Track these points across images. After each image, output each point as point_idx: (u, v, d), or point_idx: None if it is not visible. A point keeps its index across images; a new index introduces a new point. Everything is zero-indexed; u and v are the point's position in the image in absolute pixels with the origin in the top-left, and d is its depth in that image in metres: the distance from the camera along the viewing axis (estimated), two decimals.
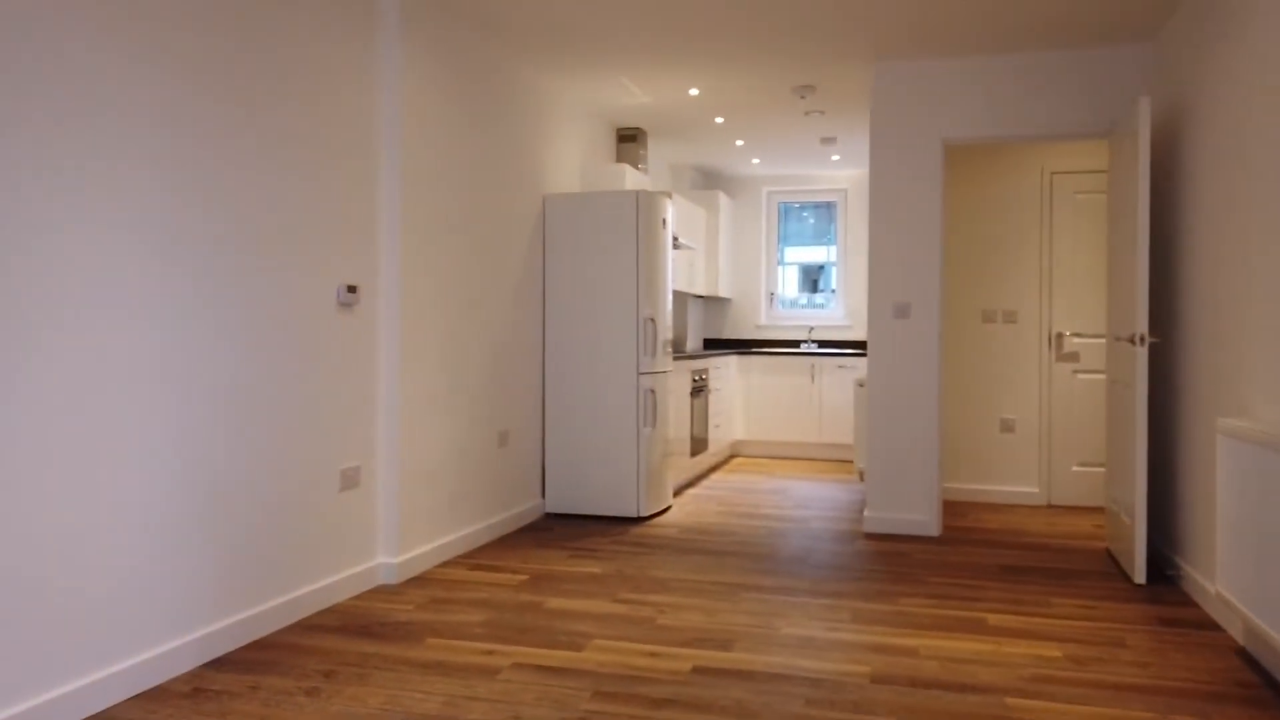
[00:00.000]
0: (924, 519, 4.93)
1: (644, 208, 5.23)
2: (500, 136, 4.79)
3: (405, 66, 3.89)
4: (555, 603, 3.64)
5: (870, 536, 4.89)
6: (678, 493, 6.18)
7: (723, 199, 8.23)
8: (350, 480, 3.68)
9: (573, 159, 5.81)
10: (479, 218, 4.57)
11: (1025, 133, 4.83)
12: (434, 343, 4.17)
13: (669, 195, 5.68)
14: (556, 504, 5.37)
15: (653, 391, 5.30)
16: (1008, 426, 5.89)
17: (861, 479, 5.77)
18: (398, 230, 3.87)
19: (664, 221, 5.45)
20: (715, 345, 8.78)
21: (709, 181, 8.76)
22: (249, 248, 3.12)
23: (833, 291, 8.67)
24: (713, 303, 8.79)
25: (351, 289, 3.64)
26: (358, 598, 3.68)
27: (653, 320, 5.30)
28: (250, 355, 3.13)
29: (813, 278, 8.79)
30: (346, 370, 3.65)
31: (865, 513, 5.04)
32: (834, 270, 8.63)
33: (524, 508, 5.12)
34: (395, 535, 3.89)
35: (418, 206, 4.01)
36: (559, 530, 5.00)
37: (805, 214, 8.77)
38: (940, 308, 4.95)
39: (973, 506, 5.75)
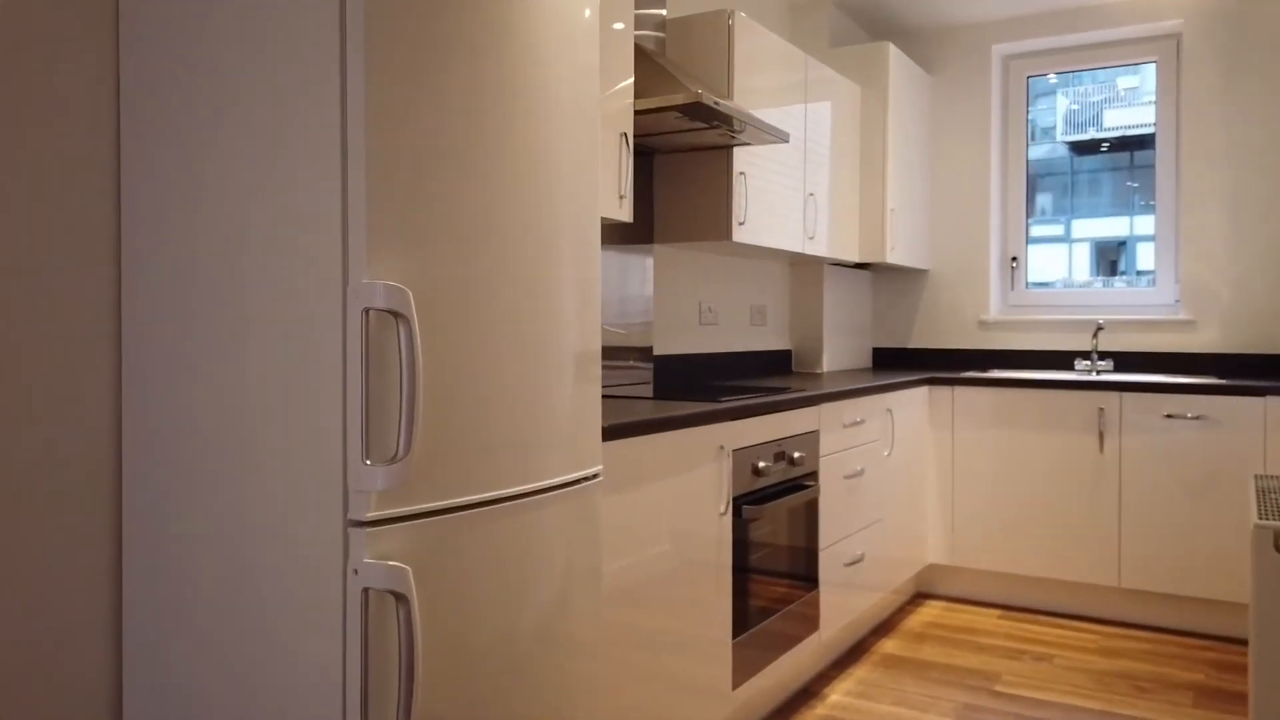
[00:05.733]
0: None
1: None
2: None
3: None
4: None
5: None
6: None
7: (896, 62, 4.07)
8: None
9: None
10: None
11: None
12: None
13: None
14: None
15: (403, 606, 1.43)
16: None
17: None
18: None
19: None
20: (893, 361, 4.64)
21: (872, 27, 4.58)
22: None
23: (1138, 274, 4.29)
24: (890, 277, 4.65)
25: None
26: None
27: (400, 316, 1.44)
28: None
29: (1110, 257, 4.49)
30: None
31: None
32: (1137, 246, 4.25)
33: None
34: None
35: None
36: None
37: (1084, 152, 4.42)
38: None
39: None
